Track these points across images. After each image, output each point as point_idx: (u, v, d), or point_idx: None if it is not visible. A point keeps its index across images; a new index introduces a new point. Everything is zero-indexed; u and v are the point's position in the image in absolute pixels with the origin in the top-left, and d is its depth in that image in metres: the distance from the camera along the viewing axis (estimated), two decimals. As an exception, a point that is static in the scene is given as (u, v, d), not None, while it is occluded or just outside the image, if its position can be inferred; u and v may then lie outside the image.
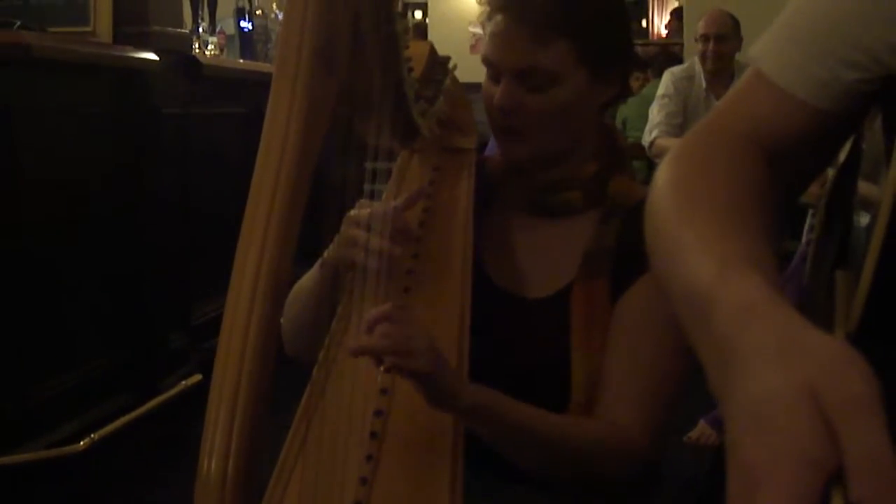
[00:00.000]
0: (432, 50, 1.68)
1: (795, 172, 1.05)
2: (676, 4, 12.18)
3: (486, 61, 1.58)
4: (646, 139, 4.86)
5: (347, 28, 1.24)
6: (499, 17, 1.55)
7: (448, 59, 1.72)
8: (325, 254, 1.56)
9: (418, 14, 12.49)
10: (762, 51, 1.06)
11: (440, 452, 1.36)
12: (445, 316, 1.49)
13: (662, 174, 0.97)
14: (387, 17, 1.33)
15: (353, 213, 1.52)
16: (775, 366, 0.63)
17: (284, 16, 1.21)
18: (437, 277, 1.56)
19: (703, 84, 4.79)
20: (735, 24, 4.78)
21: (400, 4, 1.39)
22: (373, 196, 1.55)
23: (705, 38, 4.76)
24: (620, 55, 1.62)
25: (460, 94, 1.74)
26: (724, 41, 4.73)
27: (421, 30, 11.71)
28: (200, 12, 5.48)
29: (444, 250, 1.59)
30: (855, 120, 1.04)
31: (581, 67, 1.54)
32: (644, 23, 13.24)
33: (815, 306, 1.01)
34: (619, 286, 1.52)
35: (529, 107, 1.55)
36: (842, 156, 1.13)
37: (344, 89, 1.26)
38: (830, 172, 1.21)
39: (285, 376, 1.31)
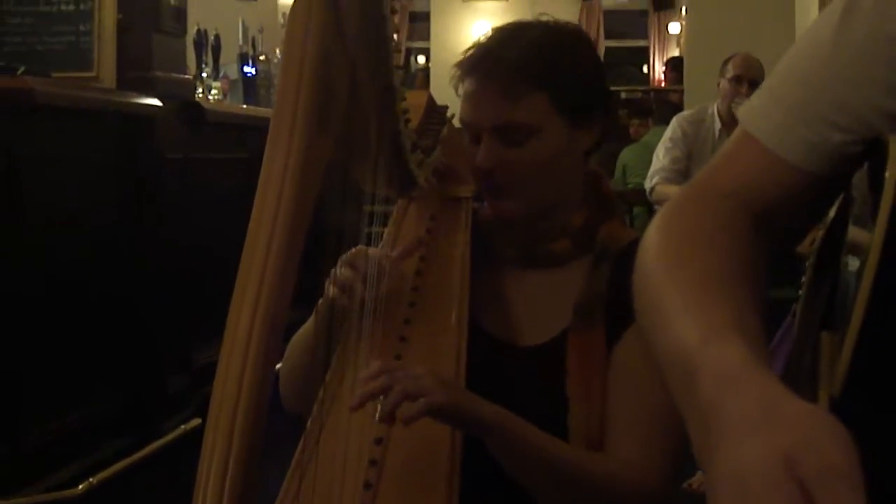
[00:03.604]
0: (430, 99, 1.69)
1: (785, 232, 1.05)
2: (676, 52, 12.23)
3: (464, 123, 1.60)
4: (647, 185, 4.86)
5: (345, 82, 1.26)
6: (470, 79, 1.57)
7: (446, 108, 1.73)
8: (319, 302, 1.55)
9: (421, 59, 12.58)
10: (751, 112, 1.06)
11: (435, 502, 1.36)
12: (442, 365, 1.48)
13: (652, 234, 0.98)
14: (384, 71, 1.34)
15: (348, 254, 1.52)
16: (755, 434, 0.64)
17: (281, 70, 1.22)
18: (433, 326, 1.56)
19: (717, 125, 4.75)
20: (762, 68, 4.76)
21: (403, 51, 1.40)
22: (370, 239, 1.55)
23: (738, 79, 4.69)
24: (597, 101, 1.62)
25: (458, 143, 1.75)
26: (757, 86, 4.69)
27: (424, 74, 11.79)
28: (204, 57, 5.54)
29: (441, 299, 1.59)
30: (843, 180, 1.04)
31: (558, 117, 1.55)
32: (645, 68, 13.29)
33: (801, 367, 1.01)
34: (615, 331, 1.52)
35: (511, 162, 1.55)
36: (831, 212, 1.14)
37: (340, 140, 1.27)
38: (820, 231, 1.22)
39: (279, 425, 1.31)
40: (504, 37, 1.59)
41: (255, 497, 1.13)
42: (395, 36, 1.35)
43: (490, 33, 1.62)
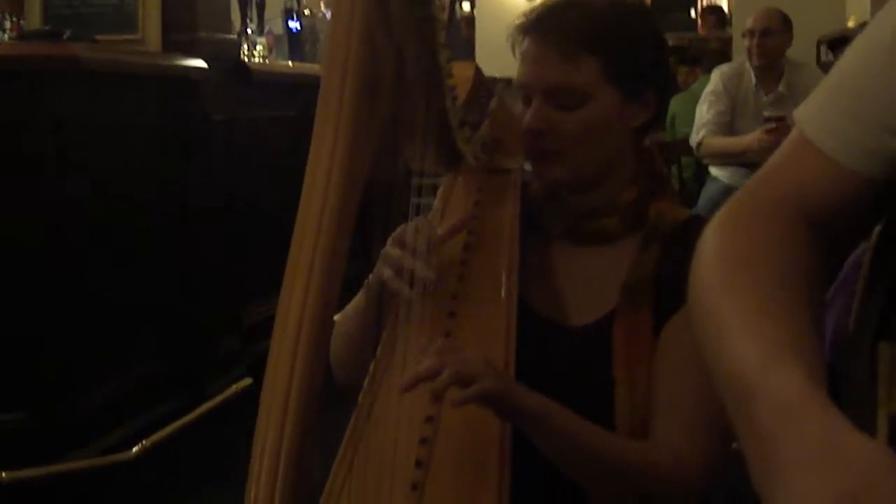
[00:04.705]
0: (478, 72, 1.67)
1: (841, 237, 1.03)
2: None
3: (519, 85, 1.59)
4: (693, 139, 4.82)
5: (390, 61, 1.25)
6: (528, 39, 1.57)
7: (494, 80, 1.72)
8: (370, 277, 1.55)
9: (466, 6, 12.45)
10: (807, 115, 1.04)
11: (486, 481, 1.36)
12: (491, 339, 1.48)
13: (708, 242, 0.96)
14: (430, 50, 1.33)
15: (397, 232, 1.51)
16: (814, 474, 0.63)
17: (327, 53, 1.21)
18: (482, 301, 1.55)
19: (753, 80, 4.76)
20: (784, 19, 4.74)
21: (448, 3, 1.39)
22: (419, 210, 1.54)
23: (751, 33, 4.74)
24: (652, 75, 1.61)
25: (506, 115, 1.73)
26: (770, 36, 4.69)
27: (469, 21, 11.70)
28: (249, 13, 5.52)
29: (490, 273, 1.58)
30: None
31: (610, 86, 1.54)
32: (693, 13, 13.08)
33: (856, 380, 0.99)
34: (662, 314, 1.50)
35: (560, 126, 1.55)
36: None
37: (387, 119, 1.27)
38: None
39: (331, 401, 1.32)
40: (567, 3, 1.59)
41: (311, 466, 1.14)
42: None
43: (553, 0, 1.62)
